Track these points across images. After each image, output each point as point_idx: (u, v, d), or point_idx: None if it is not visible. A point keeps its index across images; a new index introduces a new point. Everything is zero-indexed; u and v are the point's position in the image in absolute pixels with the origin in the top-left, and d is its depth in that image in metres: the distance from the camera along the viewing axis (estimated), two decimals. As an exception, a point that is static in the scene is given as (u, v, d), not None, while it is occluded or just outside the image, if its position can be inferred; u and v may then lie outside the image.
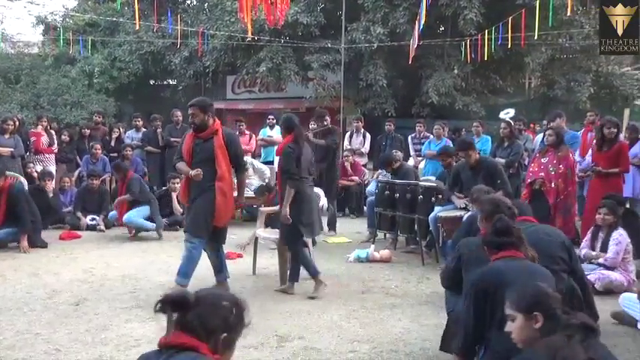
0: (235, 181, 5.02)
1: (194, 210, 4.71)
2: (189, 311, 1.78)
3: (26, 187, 7.41)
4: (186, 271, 4.66)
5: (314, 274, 4.92)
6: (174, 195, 7.87)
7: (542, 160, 6.15)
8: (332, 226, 7.53)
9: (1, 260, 6.03)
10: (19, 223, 6.40)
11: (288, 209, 4.76)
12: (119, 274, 5.51)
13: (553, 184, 6.02)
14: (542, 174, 6.06)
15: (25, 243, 6.37)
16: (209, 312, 1.79)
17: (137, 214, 7.25)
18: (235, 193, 4.98)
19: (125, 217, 7.22)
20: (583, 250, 5.31)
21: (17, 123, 8.37)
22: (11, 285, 5.12)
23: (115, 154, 9.29)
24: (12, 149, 7.92)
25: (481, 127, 8.81)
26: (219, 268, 4.90)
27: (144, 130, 9.82)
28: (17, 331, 3.95)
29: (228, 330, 1.81)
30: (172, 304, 1.79)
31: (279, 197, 5.09)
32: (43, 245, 6.63)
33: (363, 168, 9.59)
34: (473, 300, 2.76)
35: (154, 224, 7.31)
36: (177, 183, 7.96)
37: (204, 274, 4.95)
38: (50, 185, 7.98)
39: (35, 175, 8.27)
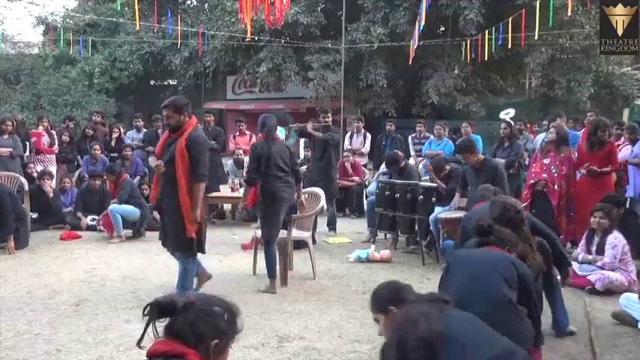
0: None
1: (170, 232, 4.47)
2: (178, 317, 1.71)
3: (27, 187, 7.41)
4: (183, 284, 4.47)
5: (271, 273, 4.98)
6: None
7: (544, 161, 6.13)
8: (332, 226, 7.53)
9: (2, 261, 6.03)
10: (3, 224, 6.36)
11: (242, 204, 5.35)
12: (120, 275, 5.50)
13: (556, 185, 6.01)
14: (545, 175, 6.04)
15: (12, 244, 6.34)
16: (199, 317, 1.72)
17: (124, 208, 7.21)
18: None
19: (111, 206, 7.18)
20: (580, 254, 5.30)
21: (15, 123, 8.37)
22: (12, 285, 5.12)
23: (116, 155, 9.29)
24: (11, 149, 7.93)
25: (470, 128, 8.79)
26: (179, 283, 4.59)
27: (145, 130, 9.81)
28: (18, 332, 3.95)
29: (219, 336, 1.73)
30: (160, 310, 1.73)
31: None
32: (23, 246, 6.56)
33: (363, 168, 9.59)
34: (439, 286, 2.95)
35: (139, 211, 7.27)
36: None
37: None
38: (49, 185, 7.97)
39: (35, 175, 8.28)
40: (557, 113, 7.57)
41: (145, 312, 1.74)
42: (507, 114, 9.16)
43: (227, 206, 9.14)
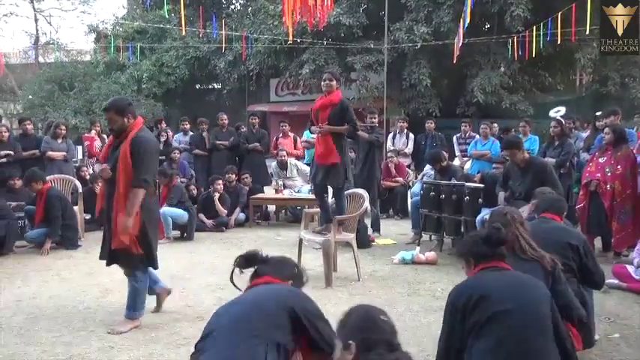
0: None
1: (109, 236, 4.06)
2: (261, 265, 2.33)
3: (80, 190, 7.70)
4: (133, 305, 4.11)
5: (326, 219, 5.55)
6: (215, 196, 8.00)
7: (600, 160, 5.88)
8: (376, 227, 7.48)
9: (58, 259, 6.29)
10: (50, 227, 6.63)
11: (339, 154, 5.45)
12: (168, 275, 5.60)
13: (609, 186, 5.75)
14: (599, 175, 5.81)
15: (48, 246, 6.58)
16: (279, 264, 2.38)
17: (174, 211, 7.36)
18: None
19: (162, 209, 7.32)
20: (636, 259, 5.06)
21: (66, 128, 8.71)
22: (67, 283, 5.33)
23: (163, 157, 9.50)
24: (65, 153, 8.25)
25: (528, 127, 8.50)
26: (129, 302, 4.16)
27: (191, 133, 10.02)
28: (73, 328, 4.10)
29: (294, 278, 2.36)
30: (246, 259, 2.36)
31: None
32: (73, 247, 6.81)
33: (407, 169, 9.49)
34: (447, 319, 2.53)
35: (187, 214, 7.40)
36: (220, 184, 8.10)
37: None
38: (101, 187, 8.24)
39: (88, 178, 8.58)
40: (612, 110, 7.24)
41: (236, 263, 2.40)
42: (558, 112, 8.83)
43: (271, 208, 9.23)
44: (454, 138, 9.60)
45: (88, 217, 7.86)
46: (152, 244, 4.14)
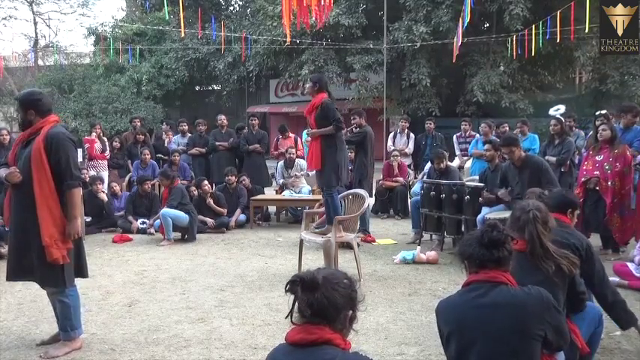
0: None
1: (33, 258, 3.55)
2: (317, 292, 1.80)
3: (81, 192, 7.69)
4: (69, 324, 3.69)
5: (329, 219, 5.39)
6: (209, 199, 7.99)
7: (597, 157, 5.90)
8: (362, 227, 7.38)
9: (59, 263, 6.28)
10: None
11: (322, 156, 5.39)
12: (169, 276, 5.64)
13: (610, 182, 5.77)
14: (598, 172, 5.82)
15: None
16: (335, 290, 1.81)
17: (174, 213, 7.33)
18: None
19: (162, 210, 7.32)
20: (637, 257, 5.05)
21: None
22: (68, 286, 5.32)
23: (161, 155, 9.47)
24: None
25: (526, 127, 8.48)
26: (61, 323, 3.72)
27: (189, 134, 10.01)
28: (74, 331, 4.10)
29: (352, 307, 1.85)
30: (303, 286, 1.83)
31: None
32: None
33: (408, 169, 9.49)
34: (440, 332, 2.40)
35: (188, 217, 7.37)
36: (207, 185, 8.07)
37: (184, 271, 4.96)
38: (101, 189, 8.24)
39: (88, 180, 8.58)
40: (628, 107, 6.82)
41: (287, 288, 1.84)
42: (557, 110, 8.82)
43: (272, 209, 9.22)
44: (454, 137, 9.60)
45: (88, 219, 7.86)
46: (83, 250, 3.80)
